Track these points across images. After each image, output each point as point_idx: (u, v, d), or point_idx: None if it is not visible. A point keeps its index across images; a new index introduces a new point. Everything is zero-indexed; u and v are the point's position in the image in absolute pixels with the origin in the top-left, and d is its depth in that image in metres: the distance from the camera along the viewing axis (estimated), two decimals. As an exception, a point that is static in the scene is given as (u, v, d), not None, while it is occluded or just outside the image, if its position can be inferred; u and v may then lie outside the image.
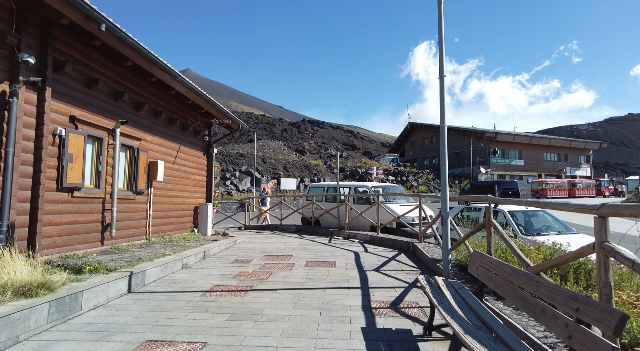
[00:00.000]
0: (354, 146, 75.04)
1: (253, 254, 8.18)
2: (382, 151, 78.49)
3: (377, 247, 9.30)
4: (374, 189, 12.17)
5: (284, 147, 58.14)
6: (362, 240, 10.39)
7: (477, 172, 49.32)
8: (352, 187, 12.86)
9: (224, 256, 7.96)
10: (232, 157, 44.80)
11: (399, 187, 13.13)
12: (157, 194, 8.95)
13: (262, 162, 44.07)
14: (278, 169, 43.11)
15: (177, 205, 9.94)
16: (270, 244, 9.70)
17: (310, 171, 44.05)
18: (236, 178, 40.75)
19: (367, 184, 12.68)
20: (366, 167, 46.55)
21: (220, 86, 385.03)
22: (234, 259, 7.56)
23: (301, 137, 73.24)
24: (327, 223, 13.35)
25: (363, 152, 70.47)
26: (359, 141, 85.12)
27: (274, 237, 11.41)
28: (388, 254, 8.12)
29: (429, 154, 59.55)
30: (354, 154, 63.88)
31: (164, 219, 9.23)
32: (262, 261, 7.37)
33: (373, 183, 12.43)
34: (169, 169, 9.56)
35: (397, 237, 9.76)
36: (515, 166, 51.91)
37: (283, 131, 78.15)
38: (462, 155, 52.92)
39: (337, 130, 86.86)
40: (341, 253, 8.35)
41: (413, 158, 61.65)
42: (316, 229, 12.58)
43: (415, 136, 63.57)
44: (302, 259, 7.50)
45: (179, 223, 10.08)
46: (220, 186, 40.26)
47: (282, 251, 8.59)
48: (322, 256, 7.96)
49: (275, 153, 51.50)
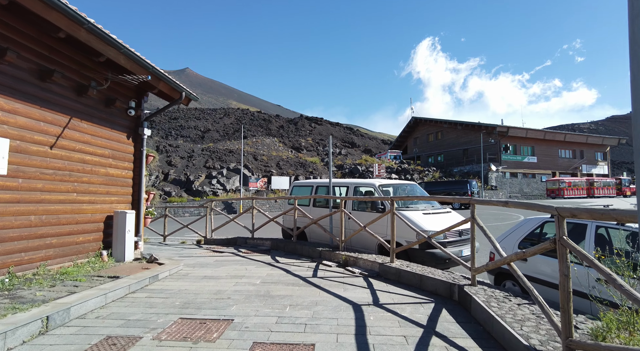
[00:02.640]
0: (353, 143, 71.10)
1: (162, 313, 4.28)
2: (383, 149, 74.50)
3: (392, 288, 5.42)
4: (383, 188, 8.25)
5: (279, 144, 54.23)
6: (366, 271, 6.50)
7: (488, 170, 45.45)
8: (351, 186, 8.92)
9: (98, 322, 4.05)
10: (220, 154, 40.86)
11: (417, 185, 9.21)
12: (5, 197, 5.06)
13: (254, 159, 40.18)
14: (270, 166, 39.20)
15: (62, 216, 6.04)
16: (214, 282, 5.79)
17: (305, 168, 40.15)
18: (223, 176, 36.83)
19: (372, 181, 8.73)
20: (367, 164, 42.65)
21: (219, 85, 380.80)
22: (106, 335, 3.66)
23: (298, 134, 69.37)
24: (315, 237, 9.46)
25: (363, 149, 66.50)
26: (359, 138, 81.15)
27: (232, 263, 7.50)
28: (417, 313, 4.25)
29: (434, 150, 55.62)
30: (354, 152, 59.91)
31: (24, 243, 5.33)
32: (159, 343, 3.47)
33: (380, 180, 8.31)
34: (41, 156, 5.66)
35: (425, 270, 5.87)
36: (527, 164, 48.02)
37: (279, 128, 74.28)
38: (471, 151, 49.02)
39: (335, 127, 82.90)
40: (330, 309, 4.45)
41: (417, 155, 57.71)
42: (299, 247, 8.67)
43: (419, 131, 59.62)
44: (245, 336, 3.61)
45: (69, 245, 6.19)
46: (205, 185, 36.35)
47: (223, 303, 4.68)
48: (293, 321, 4.06)
49: (269, 150, 47.60)
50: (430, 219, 7.16)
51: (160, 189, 35.10)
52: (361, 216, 8.01)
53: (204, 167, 38.19)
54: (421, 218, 7.10)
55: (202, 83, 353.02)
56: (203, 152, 41.34)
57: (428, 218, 7.18)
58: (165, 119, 78.41)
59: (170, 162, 38.44)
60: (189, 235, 13.49)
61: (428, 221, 6.98)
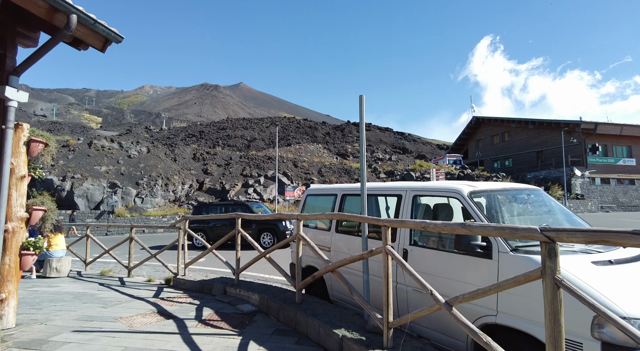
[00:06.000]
0: (404, 148, 65.28)
1: None
2: (439, 154, 67.64)
3: None
4: (479, 199, 3.77)
5: (324, 151, 50.47)
6: None
7: (570, 175, 37.78)
8: (406, 194, 4.40)
9: None
10: (258, 161, 37.84)
11: (542, 193, 4.53)
12: None
13: (293, 166, 36.63)
14: (311, 173, 35.36)
15: None
16: None
17: (350, 175, 35.77)
18: (260, 184, 33.62)
19: (450, 185, 4.12)
20: (422, 170, 37.24)
21: (271, 98, 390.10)
22: None
23: (344, 141, 65.24)
24: (341, 292, 5.11)
25: (416, 155, 60.48)
26: (411, 143, 74.97)
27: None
28: None
29: (500, 154, 48.44)
30: (405, 158, 54.27)
31: None
32: None
33: (466, 183, 3.43)
34: None
35: None
36: (623, 167, 39.43)
37: (325, 135, 70.79)
38: (547, 154, 41.52)
39: (385, 132, 77.58)
40: None
41: (479, 160, 50.77)
42: (303, 318, 4.33)
43: (481, 133, 52.68)
44: None
45: None
46: (241, 194, 33.35)
47: None
48: None
49: (311, 156, 43.93)
50: (621, 278, 2.58)
51: (194, 200, 32.68)
52: (434, 260, 3.59)
53: (241, 175, 35.35)
54: (601, 279, 2.53)
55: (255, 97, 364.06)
56: (241, 159, 38.67)
57: (615, 277, 2.60)
58: (213, 130, 78.66)
59: (206, 171, 36.13)
60: (152, 271, 9.64)
61: (622, 288, 2.42)
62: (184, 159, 37.52)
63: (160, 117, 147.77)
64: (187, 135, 73.44)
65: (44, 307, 5.30)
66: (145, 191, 30.64)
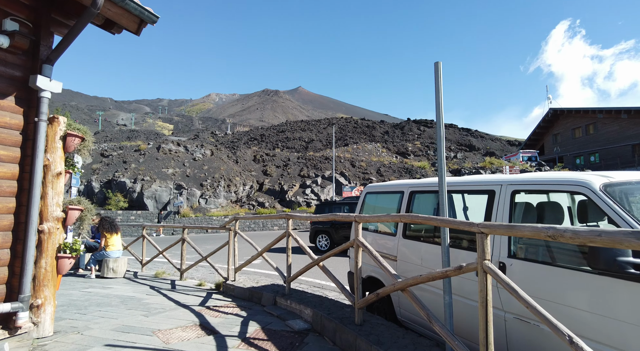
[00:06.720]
0: (471, 145, 60.97)
1: None
2: (510, 151, 62.18)
3: None
4: (633, 191, 2.62)
5: (382, 150, 48.85)
6: None
7: (678, 172, 32.06)
8: (500, 189, 3.31)
9: None
10: (316, 161, 37.52)
11: None
12: None
13: (351, 166, 35.71)
14: (369, 173, 34.16)
15: None
16: None
17: (412, 174, 33.94)
18: (317, 185, 33.22)
19: (571, 176, 2.91)
20: (492, 168, 34.19)
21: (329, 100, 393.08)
22: None
23: (404, 139, 62.78)
24: (412, 312, 4.12)
25: (484, 152, 56.13)
26: (478, 140, 69.99)
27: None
28: None
29: (584, 149, 42.98)
30: (472, 156, 50.51)
31: None
32: None
33: (597, 173, 2.17)
34: None
35: None
36: None
37: (384, 134, 68.84)
38: (646, 147, 35.89)
39: (449, 129, 73.39)
40: None
41: (558, 155, 45.59)
42: (368, 347, 3.44)
43: (559, 126, 47.30)
44: None
45: None
46: (299, 195, 33.22)
47: None
48: None
49: (370, 156, 42.63)
50: None
51: (254, 200, 33.24)
52: (546, 279, 2.52)
53: (299, 175, 35.28)
54: None
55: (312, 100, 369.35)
56: (298, 160, 38.67)
57: None
58: (273, 133, 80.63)
59: (265, 172, 36.65)
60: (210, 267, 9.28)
61: None
62: (245, 161, 38.45)
63: (225, 123, 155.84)
64: (249, 139, 76.02)
65: (88, 312, 5.03)
66: (209, 192, 31.77)
